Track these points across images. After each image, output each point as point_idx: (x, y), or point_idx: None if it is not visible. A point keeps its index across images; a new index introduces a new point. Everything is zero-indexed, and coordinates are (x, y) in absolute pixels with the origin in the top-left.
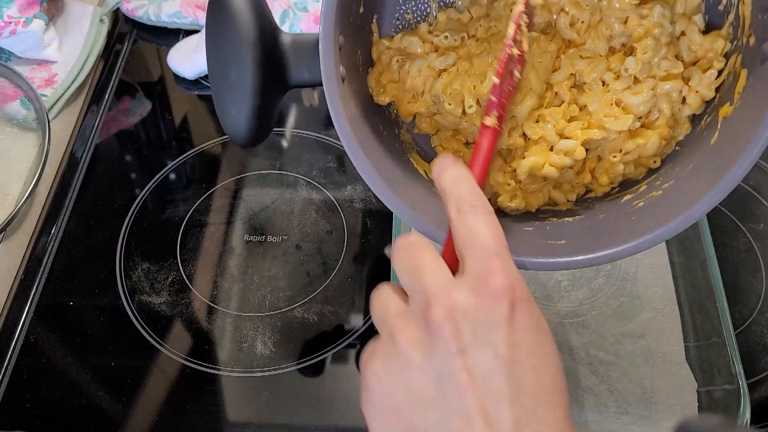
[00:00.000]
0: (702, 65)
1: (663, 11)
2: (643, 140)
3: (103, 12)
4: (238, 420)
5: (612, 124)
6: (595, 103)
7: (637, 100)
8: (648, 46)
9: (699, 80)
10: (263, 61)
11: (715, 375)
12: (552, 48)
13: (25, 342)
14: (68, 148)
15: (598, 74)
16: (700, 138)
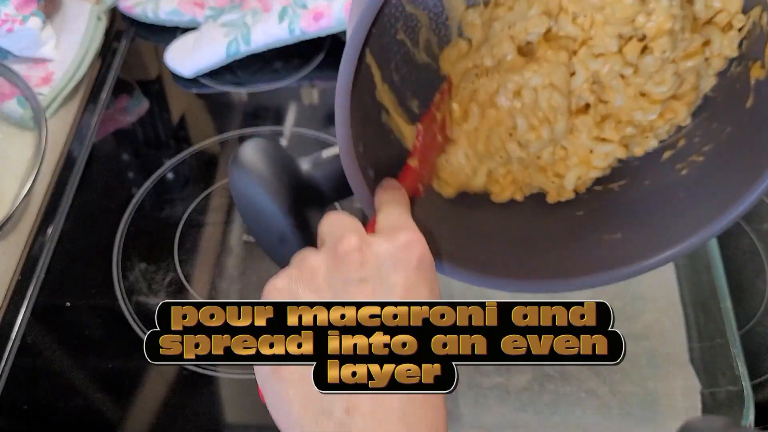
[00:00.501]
0: (720, 21)
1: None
2: (672, 114)
3: (101, 10)
4: (236, 422)
5: (641, 117)
6: (619, 99)
7: (662, 90)
8: (664, 44)
9: (720, 43)
10: (298, 222)
11: (719, 376)
12: (563, 58)
13: (21, 343)
14: (65, 147)
15: (615, 71)
16: (732, 92)
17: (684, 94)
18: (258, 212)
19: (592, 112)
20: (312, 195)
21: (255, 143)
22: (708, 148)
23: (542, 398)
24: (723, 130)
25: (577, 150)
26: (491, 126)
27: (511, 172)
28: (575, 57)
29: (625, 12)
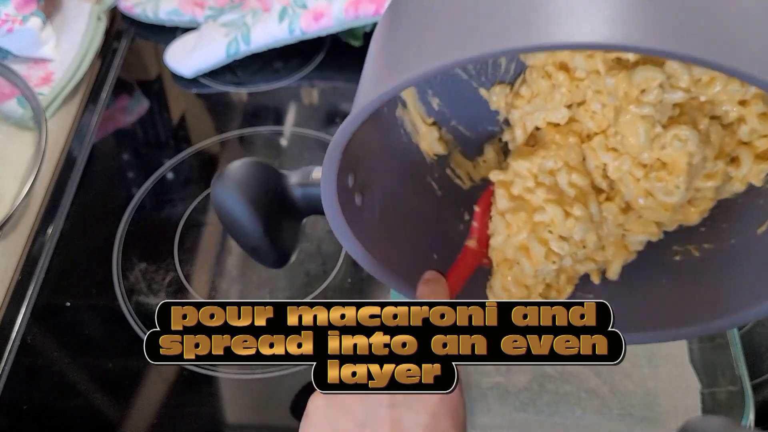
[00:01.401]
0: (760, 146)
1: (694, 136)
2: (682, 217)
3: (101, 10)
4: (236, 422)
5: (651, 215)
6: (629, 193)
7: (671, 199)
8: (680, 178)
9: (749, 169)
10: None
11: (719, 376)
12: (573, 141)
13: (21, 343)
14: (65, 147)
15: (624, 170)
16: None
17: (698, 203)
18: (235, 225)
19: (616, 200)
20: (292, 208)
21: (240, 162)
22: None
23: (542, 398)
24: (728, 238)
25: (611, 237)
26: (529, 231)
27: (564, 271)
28: (587, 143)
29: (637, 149)
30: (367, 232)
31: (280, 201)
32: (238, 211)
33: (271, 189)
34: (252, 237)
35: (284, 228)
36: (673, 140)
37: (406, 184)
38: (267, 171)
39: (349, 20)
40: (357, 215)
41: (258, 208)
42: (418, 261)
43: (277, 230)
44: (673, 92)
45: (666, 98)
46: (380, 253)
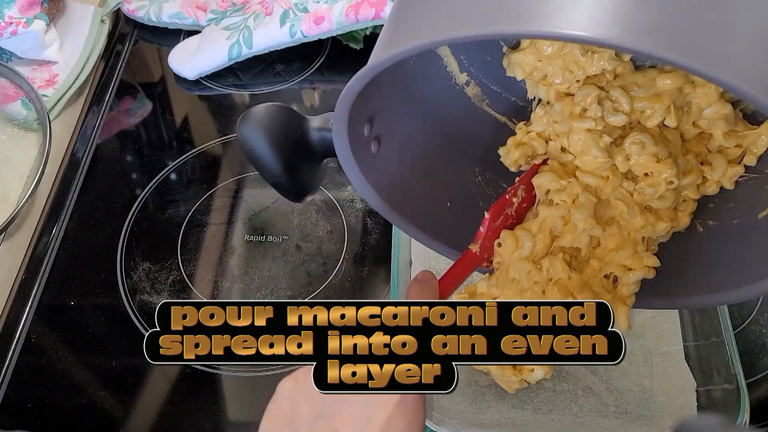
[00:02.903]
0: (731, 154)
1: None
2: (676, 223)
3: (104, 12)
4: (239, 420)
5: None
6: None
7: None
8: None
9: (722, 172)
10: (291, 173)
11: (714, 374)
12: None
13: (26, 342)
14: (69, 148)
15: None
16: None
17: (683, 206)
18: (258, 160)
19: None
20: (311, 149)
21: (264, 105)
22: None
23: (539, 396)
24: (731, 218)
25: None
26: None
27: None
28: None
29: (595, 164)
30: (382, 177)
31: (300, 142)
32: (260, 149)
33: (292, 131)
34: (273, 172)
35: (304, 167)
36: (632, 146)
37: (427, 134)
38: (289, 114)
39: (350, 23)
40: (372, 161)
41: (278, 147)
42: (432, 208)
43: (297, 168)
44: (616, 115)
45: (610, 120)
46: (394, 198)
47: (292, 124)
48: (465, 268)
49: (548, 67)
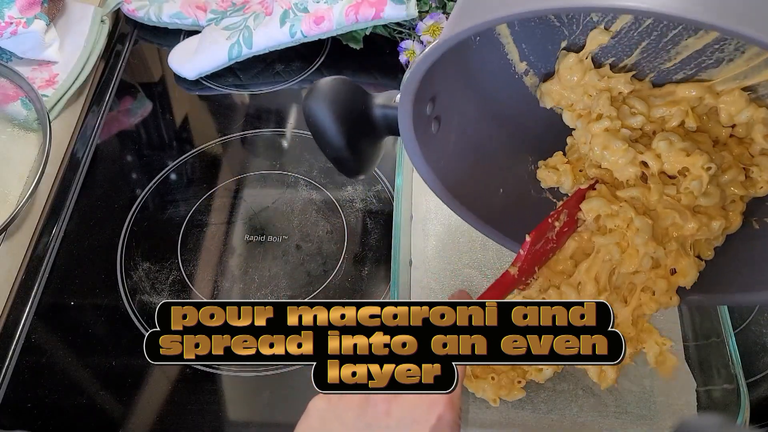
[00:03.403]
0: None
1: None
2: (727, 222)
3: (104, 12)
4: (238, 419)
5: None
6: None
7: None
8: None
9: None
10: (351, 148)
11: (714, 375)
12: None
13: (26, 342)
14: (69, 148)
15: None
16: None
17: (732, 206)
18: (322, 134)
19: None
20: (373, 126)
21: (331, 79)
22: None
23: (539, 395)
24: None
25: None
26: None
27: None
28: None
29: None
30: (439, 158)
31: (363, 118)
32: (326, 123)
33: (356, 106)
34: (335, 147)
35: (365, 143)
36: (660, 144)
37: (484, 119)
38: (354, 89)
39: (349, 23)
40: (431, 141)
41: (342, 122)
42: (485, 192)
43: (358, 144)
44: (634, 117)
45: (629, 122)
46: (449, 179)
47: (357, 99)
48: (503, 289)
49: (572, 95)
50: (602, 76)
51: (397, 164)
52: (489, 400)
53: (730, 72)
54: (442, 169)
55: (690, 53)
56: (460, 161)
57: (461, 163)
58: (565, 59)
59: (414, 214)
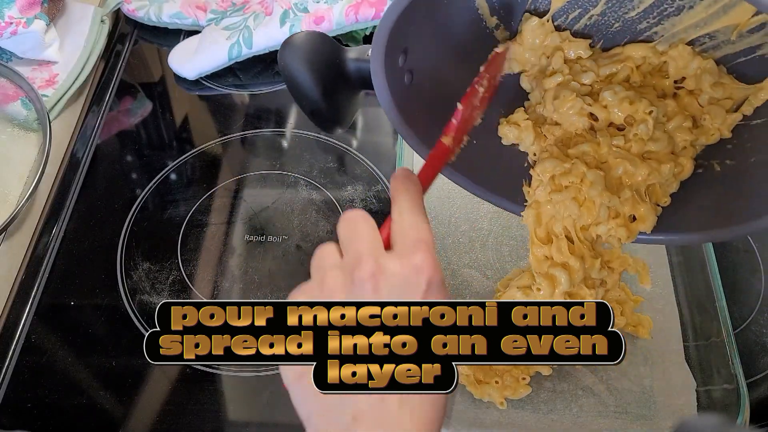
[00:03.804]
0: (724, 105)
1: (620, 87)
2: (678, 169)
3: (104, 12)
4: (238, 419)
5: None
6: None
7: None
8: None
9: (722, 122)
10: (328, 101)
11: (714, 374)
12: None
13: (26, 342)
14: (69, 148)
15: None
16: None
17: (684, 152)
18: (298, 87)
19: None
20: (346, 80)
21: (306, 32)
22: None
23: (539, 395)
24: (748, 158)
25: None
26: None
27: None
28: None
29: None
30: (413, 109)
31: (338, 72)
32: (301, 75)
33: (331, 60)
34: (311, 99)
35: (341, 97)
36: (605, 94)
37: (456, 72)
38: (329, 43)
39: (350, 23)
40: (404, 93)
41: (317, 74)
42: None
43: (334, 97)
44: (586, 74)
45: (580, 78)
46: (422, 131)
47: (332, 53)
48: (439, 160)
49: (532, 58)
50: (563, 39)
51: (396, 164)
52: (496, 402)
53: (690, 20)
54: (415, 120)
55: (653, 1)
56: (434, 113)
57: (435, 114)
58: (528, 22)
59: None
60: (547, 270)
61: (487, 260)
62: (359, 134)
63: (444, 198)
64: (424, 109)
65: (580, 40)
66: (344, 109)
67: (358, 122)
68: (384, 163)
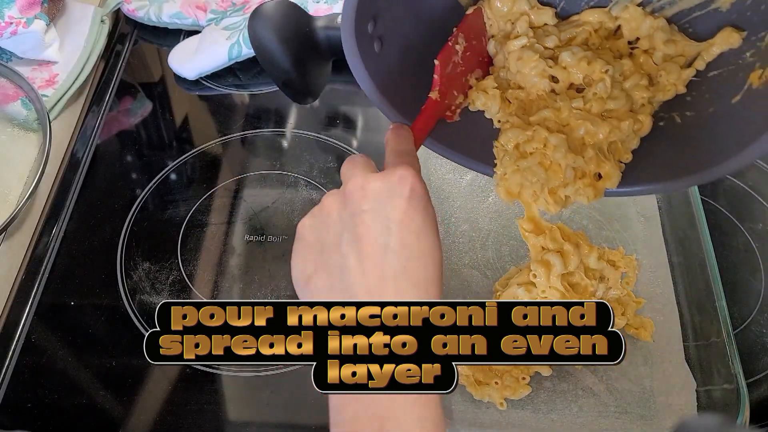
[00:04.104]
0: (678, 61)
1: (578, 49)
2: (638, 126)
3: (104, 12)
4: (238, 419)
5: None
6: (585, 126)
7: (616, 103)
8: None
9: (677, 77)
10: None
11: (714, 375)
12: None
13: (26, 342)
14: (69, 148)
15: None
16: (728, 81)
17: (642, 109)
18: (268, 56)
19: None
20: (317, 49)
21: (275, 2)
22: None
23: (539, 396)
24: (707, 108)
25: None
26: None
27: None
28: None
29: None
30: (383, 75)
31: (308, 41)
32: (271, 46)
33: (300, 29)
34: (282, 69)
35: (312, 66)
36: (563, 56)
37: (425, 39)
38: (298, 12)
39: None
40: (374, 59)
41: (287, 44)
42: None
43: (305, 67)
44: (548, 37)
45: (543, 41)
46: (394, 96)
47: (301, 22)
48: (430, 113)
49: (499, 23)
50: (531, 6)
51: None
52: (496, 403)
53: None
54: (387, 86)
55: None
56: (405, 78)
57: (406, 79)
58: None
59: None
60: (542, 258)
61: (487, 260)
62: (359, 134)
63: (444, 198)
64: (397, 76)
65: (546, 8)
66: (315, 79)
67: (358, 122)
68: (384, 163)
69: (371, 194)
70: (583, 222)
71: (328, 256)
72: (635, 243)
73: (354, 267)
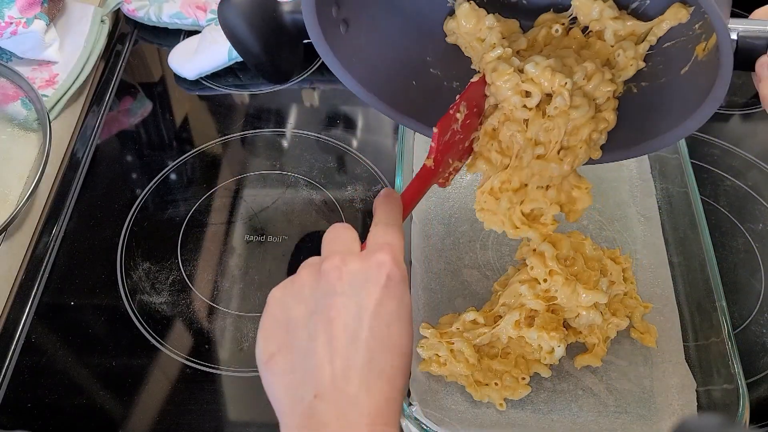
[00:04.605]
0: (632, 39)
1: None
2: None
3: (104, 12)
4: (238, 419)
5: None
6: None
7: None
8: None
9: (635, 52)
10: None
11: (714, 374)
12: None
13: (26, 342)
14: (69, 148)
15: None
16: (680, 53)
17: (605, 105)
18: (239, 41)
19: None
20: (286, 33)
21: None
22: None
23: (539, 395)
24: (659, 78)
25: None
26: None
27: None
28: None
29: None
30: (351, 56)
31: (277, 25)
32: (241, 31)
33: (268, 14)
34: (253, 54)
35: (282, 48)
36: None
37: (393, 15)
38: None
39: None
40: (341, 42)
41: (256, 30)
42: (400, 85)
43: (275, 50)
44: (519, 39)
45: (515, 45)
46: (363, 75)
47: (268, 6)
48: (423, 181)
49: (469, 40)
50: (497, 20)
51: (396, 164)
52: (496, 404)
53: None
54: (355, 66)
55: None
56: (373, 57)
57: (374, 59)
58: (461, 7)
59: (414, 215)
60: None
61: (487, 260)
62: (359, 134)
63: (444, 198)
64: (364, 54)
65: (510, 20)
66: (287, 61)
67: (358, 122)
68: (384, 162)
69: (347, 277)
70: (583, 222)
71: (293, 335)
72: (635, 243)
73: (320, 352)
